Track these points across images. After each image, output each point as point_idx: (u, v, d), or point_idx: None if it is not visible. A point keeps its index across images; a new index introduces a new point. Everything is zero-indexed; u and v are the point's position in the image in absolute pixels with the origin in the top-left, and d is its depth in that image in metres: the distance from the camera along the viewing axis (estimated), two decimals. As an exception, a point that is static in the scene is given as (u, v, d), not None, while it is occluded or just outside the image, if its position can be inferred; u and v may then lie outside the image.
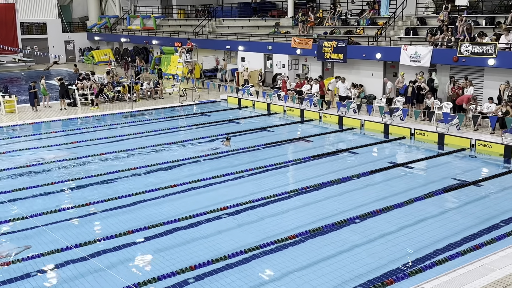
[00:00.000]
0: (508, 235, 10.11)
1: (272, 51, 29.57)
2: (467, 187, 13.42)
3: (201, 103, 26.69)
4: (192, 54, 31.41)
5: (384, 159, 16.41)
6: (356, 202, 12.48)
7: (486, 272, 8.38)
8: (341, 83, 23.24)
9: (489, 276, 8.24)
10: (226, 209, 11.88)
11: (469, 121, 18.78)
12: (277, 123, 22.22)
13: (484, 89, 20.53)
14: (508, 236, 10.09)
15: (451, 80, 20.92)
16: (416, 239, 10.32)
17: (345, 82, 23.51)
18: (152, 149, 17.73)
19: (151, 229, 10.84)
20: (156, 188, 13.31)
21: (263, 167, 15.22)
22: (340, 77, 24.02)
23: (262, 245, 9.94)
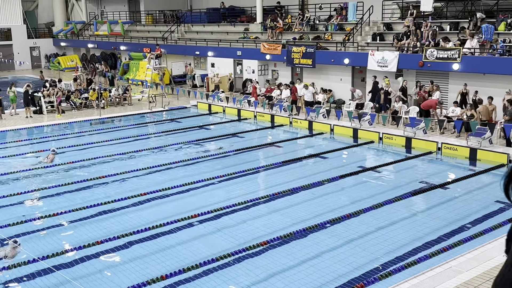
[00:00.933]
0: (475, 237, 10.34)
1: (241, 57, 29.62)
2: (434, 190, 13.68)
3: (170, 110, 26.52)
4: (161, 60, 31.18)
5: (354, 163, 16.60)
6: (326, 207, 12.58)
7: (454, 274, 8.55)
8: (305, 89, 23.38)
9: (457, 278, 8.41)
10: (197, 217, 11.80)
11: (435, 125, 19.16)
12: (248, 128, 22.25)
13: (449, 93, 21.01)
14: (474, 238, 10.32)
15: (417, 84, 21.33)
16: (386, 242, 10.46)
17: (310, 87, 23.60)
18: (122, 156, 17.51)
19: (121, 239, 10.68)
20: (126, 197, 13.14)
21: (234, 174, 15.20)
22: (306, 84, 24.17)
23: (234, 253, 9.91)
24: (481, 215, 11.82)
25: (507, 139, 16.74)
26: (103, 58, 41.97)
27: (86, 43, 43.34)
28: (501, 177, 1.63)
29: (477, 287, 8.13)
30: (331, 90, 25.22)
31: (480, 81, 19.94)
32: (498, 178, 14.79)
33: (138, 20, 42.57)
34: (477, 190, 13.98)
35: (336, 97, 25.40)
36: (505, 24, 20.54)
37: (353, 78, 25.27)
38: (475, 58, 19.83)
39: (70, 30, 46.87)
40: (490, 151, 16.27)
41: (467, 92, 19.65)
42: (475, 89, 19.39)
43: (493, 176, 15.10)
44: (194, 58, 34.66)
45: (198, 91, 28.30)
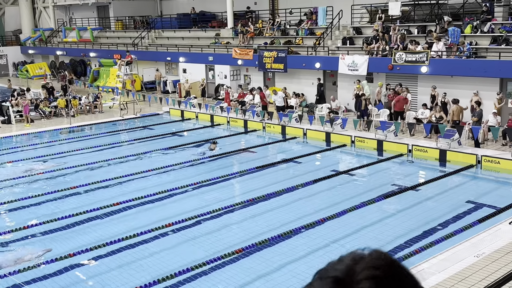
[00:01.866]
0: (446, 238, 10.54)
1: (213, 62, 29.59)
2: (406, 192, 13.90)
3: (143, 116, 26.29)
4: (132, 66, 30.93)
5: (327, 167, 16.74)
6: (301, 211, 12.64)
7: (426, 276, 8.68)
8: (274, 94, 23.45)
9: (429, 280, 8.55)
10: (172, 226, 11.73)
11: (406, 128, 19.47)
12: (221, 134, 22.22)
13: (418, 96, 21.39)
14: (446, 239, 10.51)
15: (387, 87, 21.64)
16: (359, 246, 10.50)
17: (279, 92, 23.64)
18: (93, 165, 17.27)
19: (94, 251, 10.53)
20: (98, 207, 12.97)
21: (208, 181, 15.16)
22: (276, 89, 24.24)
23: (209, 261, 9.88)
24: (451, 216, 12.05)
25: (475, 140, 17.12)
26: (72, 65, 41.39)
27: (54, 50, 42.66)
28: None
29: (449, 288, 8.29)
30: (303, 94, 25.38)
31: (448, 83, 20.37)
32: (468, 179, 15.23)
33: (108, 27, 42.12)
34: (447, 191, 14.26)
35: (308, 101, 25.57)
36: (471, 26, 21.04)
37: (324, 82, 25.49)
38: (443, 60, 20.25)
39: (38, 38, 46.07)
40: (459, 152, 16.61)
41: (436, 94, 20.02)
42: (444, 91, 19.78)
43: (463, 176, 15.42)
44: (165, 64, 34.45)
45: (170, 97, 28.14)
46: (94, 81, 37.26)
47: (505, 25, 20.33)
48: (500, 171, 15.49)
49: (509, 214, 11.52)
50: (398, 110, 19.81)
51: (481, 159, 15.94)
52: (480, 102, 18.29)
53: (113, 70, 33.84)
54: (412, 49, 21.05)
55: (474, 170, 15.85)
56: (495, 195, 13.77)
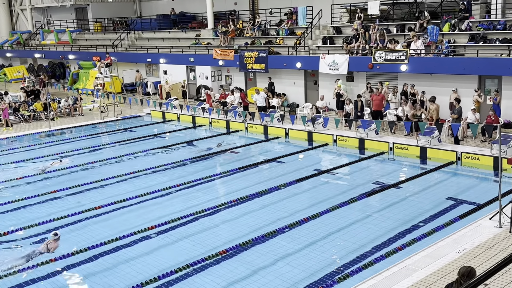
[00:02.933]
0: (428, 235, 10.64)
1: (194, 63, 29.49)
2: (388, 190, 14.01)
3: (123, 119, 26.08)
4: (111, 68, 30.64)
5: (310, 166, 16.78)
6: (284, 211, 12.66)
7: (409, 273, 8.77)
8: (257, 94, 23.44)
9: (412, 277, 8.63)
10: (155, 228, 11.66)
11: (387, 126, 19.60)
12: (203, 135, 22.15)
13: (398, 94, 21.52)
14: (427, 235, 10.62)
15: (368, 86, 21.77)
16: (343, 244, 10.63)
17: (261, 92, 23.63)
18: (75, 169, 17.08)
19: (76, 256, 10.41)
20: (80, 211, 12.83)
21: (190, 182, 15.10)
22: (258, 89, 24.23)
23: (193, 263, 9.83)
24: (433, 212, 12.17)
25: (455, 137, 17.33)
26: (51, 68, 40.90)
27: (33, 53, 42.10)
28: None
29: (432, 284, 8.37)
30: (284, 94, 25.43)
31: (428, 81, 20.59)
32: (448, 176, 15.40)
33: (86, 28, 41.70)
34: (428, 188, 14.39)
35: (290, 100, 25.63)
36: (449, 25, 21.29)
37: (306, 82, 25.57)
38: (422, 59, 20.46)
39: (16, 40, 45.44)
40: (439, 149, 16.79)
41: (415, 92, 20.19)
42: (423, 89, 19.97)
43: (443, 173, 15.59)
44: (146, 66, 34.23)
45: (151, 99, 27.96)
46: (73, 83, 36.86)
47: (483, 23, 20.62)
48: (479, 167, 15.70)
49: (489, 210, 11.67)
50: (376, 109, 19.93)
51: (461, 155, 16.13)
52: (459, 99, 18.50)
53: (92, 73, 33.51)
54: (392, 48, 21.23)
55: (454, 167, 16.03)
56: (475, 191, 13.95)
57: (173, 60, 30.63)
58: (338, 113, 22.26)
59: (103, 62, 29.24)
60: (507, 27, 19.85)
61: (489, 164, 15.44)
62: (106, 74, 28.54)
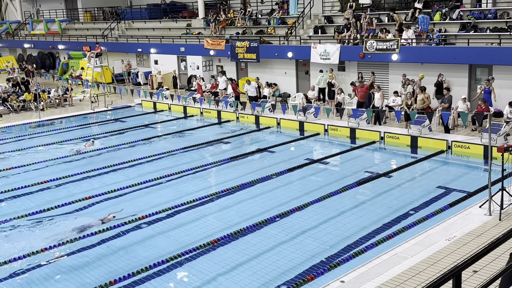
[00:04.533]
0: (418, 223, 10.71)
1: (185, 53, 29.33)
2: (378, 179, 14.07)
3: (114, 109, 25.97)
4: (101, 58, 30.44)
5: (301, 156, 16.81)
6: (276, 201, 12.70)
7: (399, 261, 8.82)
8: (247, 85, 23.37)
9: (402, 264, 8.68)
10: (145, 218, 11.64)
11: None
12: (195, 125, 22.11)
13: (390, 83, 21.61)
14: (417, 224, 10.68)
15: (359, 75, 21.76)
16: (334, 232, 10.67)
17: (252, 82, 23.55)
18: (65, 159, 17.01)
19: (66, 245, 10.39)
20: (71, 201, 12.78)
21: (182, 172, 15.08)
22: (249, 79, 24.16)
23: (184, 252, 9.83)
24: (423, 201, 12.25)
25: (445, 126, 17.40)
26: (40, 58, 40.54)
27: (22, 43, 41.69)
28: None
29: (422, 271, 8.43)
30: (276, 84, 25.39)
31: (419, 70, 20.60)
32: (439, 164, 15.49)
33: (76, 18, 41.32)
34: (419, 177, 14.49)
35: (281, 90, 25.60)
36: (440, 14, 21.30)
37: (297, 71, 25.54)
38: (413, 48, 20.47)
39: (5, 30, 44.94)
40: (430, 138, 16.87)
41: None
42: (414, 78, 19.99)
43: (434, 162, 15.68)
44: (136, 56, 34.00)
45: (141, 89, 27.82)
46: (63, 73, 36.57)
47: (473, 11, 20.65)
48: (470, 156, 15.79)
49: (479, 198, 11.76)
50: (362, 101, 19.93)
51: (451, 144, 16.22)
52: (449, 88, 18.56)
53: (82, 63, 33.26)
54: (383, 37, 21.22)
55: (445, 156, 16.12)
56: (465, 179, 14.05)
57: (164, 50, 30.46)
58: (329, 102, 22.27)
59: (93, 52, 29.02)
60: (497, 16, 19.88)
61: (479, 153, 15.53)
62: (96, 64, 28.32)
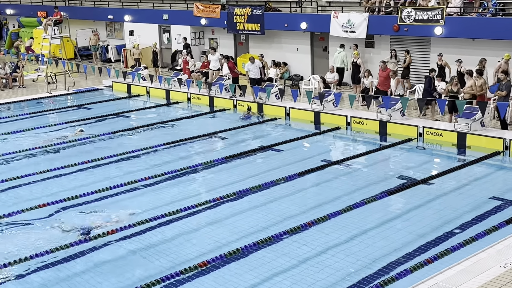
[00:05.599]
0: (465, 244, 10.68)
1: (169, 22, 29.37)
2: (415, 187, 14.05)
3: (77, 92, 26.00)
4: (61, 27, 30.44)
5: (316, 156, 16.81)
6: (283, 213, 12.69)
7: (441, 292, 8.83)
8: (251, 63, 23.30)
9: (444, 297, 8.69)
10: (115, 233, 11.66)
11: (416, 106, 19.64)
12: (180, 115, 22.12)
13: (431, 64, 21.57)
14: (464, 245, 10.66)
15: (392, 54, 21.77)
16: (356, 255, 10.67)
17: (256, 61, 23.45)
18: (12, 156, 17.06)
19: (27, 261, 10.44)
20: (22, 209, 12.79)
21: (163, 174, 15.11)
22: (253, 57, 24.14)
23: (164, 278, 9.85)
24: (472, 216, 12.23)
25: (502, 120, 17.38)
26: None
27: (-41, 6, 41.74)
28: None
29: (469, 306, 8.44)
30: (285, 64, 25.40)
31: (468, 48, 20.57)
32: (493, 169, 15.48)
33: (30, -25, 41.32)
34: (468, 185, 14.48)
35: (292, 72, 25.60)
36: (498, -24, 21.28)
37: (312, 47, 25.52)
38: (462, 19, 20.48)
39: None
40: (482, 136, 16.87)
41: (445, 64, 20.22)
42: (460, 57, 19.94)
43: (486, 166, 15.67)
44: (106, 24, 34.04)
45: (112, 67, 27.82)
46: (11, 46, 36.58)
47: (541, -26, 20.63)
48: (533, 159, 15.83)
49: (544, 213, 11.77)
50: (381, 89, 19.95)
51: (510, 144, 16.21)
52: (508, 71, 18.52)
53: (37, 32, 33.29)
54: (423, 4, 21.20)
55: (501, 158, 16.11)
56: (527, 189, 14.05)
57: (141, 18, 30.49)
58: (353, 88, 22.28)
59: (51, 19, 29.01)
60: None
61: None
62: (55, 34, 28.34)
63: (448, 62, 20.23)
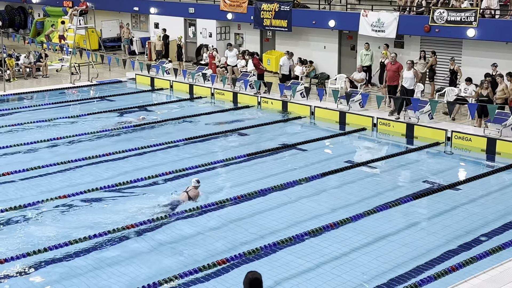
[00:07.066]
0: (492, 253, 10.59)
1: (195, 15, 29.42)
2: (442, 192, 13.95)
3: (100, 84, 26.18)
4: (87, 17, 30.68)
5: (340, 157, 16.77)
6: (304, 213, 12.68)
7: (465, 301, 8.74)
8: (287, 58, 23.37)
9: (469, 306, 8.60)
10: (134, 228, 11.73)
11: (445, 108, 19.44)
12: (203, 110, 22.17)
13: (462, 67, 21.36)
14: (491, 253, 10.57)
15: (421, 55, 21.59)
16: (377, 261, 10.60)
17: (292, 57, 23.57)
18: (35, 146, 17.21)
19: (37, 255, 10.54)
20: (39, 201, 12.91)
21: (183, 170, 15.15)
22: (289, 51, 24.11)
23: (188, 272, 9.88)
24: (500, 224, 12.14)
25: (535, 127, 17.14)
26: (8, 13, 41.02)
27: (-15, -6, 42.27)
28: None
29: (494, 317, 8.34)
30: (311, 62, 25.33)
31: (502, 52, 20.32)
32: (524, 177, 15.26)
33: (57, -36, 41.69)
34: (496, 192, 14.40)
35: (318, 70, 25.53)
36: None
37: (340, 46, 25.42)
38: (496, 22, 20.25)
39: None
40: (512, 142, 16.70)
41: (457, 69, 20.04)
42: (494, 61, 19.71)
43: (515, 173, 15.52)
44: (132, 16, 34.23)
45: (136, 60, 27.97)
46: (37, 35, 36.97)
47: None
48: None
49: None
50: (390, 84, 19.78)
51: (541, 152, 16.01)
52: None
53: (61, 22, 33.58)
54: (457, 5, 20.98)
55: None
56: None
57: (167, 10, 30.58)
58: (381, 88, 22.13)
59: (77, 8, 29.25)
60: None
61: None
62: (80, 24, 28.55)
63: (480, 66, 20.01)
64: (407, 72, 19.13)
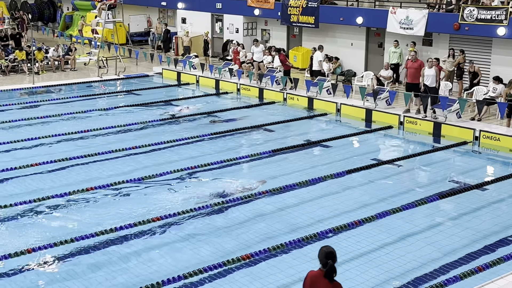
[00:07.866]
0: (519, 254, 10.50)
1: (222, 11, 29.48)
2: (469, 192, 13.83)
3: (127, 78, 26.38)
4: (115, 11, 30.89)
5: (366, 154, 16.70)
6: (329, 210, 12.67)
7: (491, 302, 8.67)
8: (320, 52, 23.35)
9: (495, 307, 8.53)
10: (159, 220, 11.83)
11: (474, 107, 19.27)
12: (229, 105, 22.22)
13: (492, 66, 21.15)
14: (519, 255, 10.48)
15: (450, 53, 21.38)
16: (402, 259, 10.56)
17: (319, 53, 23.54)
18: (62, 138, 17.43)
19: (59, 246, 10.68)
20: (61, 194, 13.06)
21: (208, 165, 15.21)
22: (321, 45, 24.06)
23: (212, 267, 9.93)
24: (528, 225, 12.00)
25: None
26: (38, 7, 41.48)
27: (15, -13, 42.79)
28: None
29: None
30: (338, 58, 25.24)
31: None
32: (552, 178, 15.06)
33: (86, -42, 42.03)
34: (524, 193, 14.21)
35: (344, 67, 25.43)
36: None
37: (367, 43, 25.29)
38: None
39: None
40: (542, 143, 16.51)
41: (477, 70, 19.84)
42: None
43: (545, 174, 15.32)
44: (159, 11, 34.41)
45: (163, 54, 28.10)
46: (65, 28, 37.35)
47: None
48: None
49: None
50: (410, 82, 19.63)
51: None
52: None
53: (90, 16, 33.88)
54: (487, 3, 20.75)
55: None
56: None
57: (195, 5, 30.68)
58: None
59: (105, 3, 29.45)
60: None
61: None
62: (108, 19, 28.78)
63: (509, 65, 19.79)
64: (428, 70, 18.99)
